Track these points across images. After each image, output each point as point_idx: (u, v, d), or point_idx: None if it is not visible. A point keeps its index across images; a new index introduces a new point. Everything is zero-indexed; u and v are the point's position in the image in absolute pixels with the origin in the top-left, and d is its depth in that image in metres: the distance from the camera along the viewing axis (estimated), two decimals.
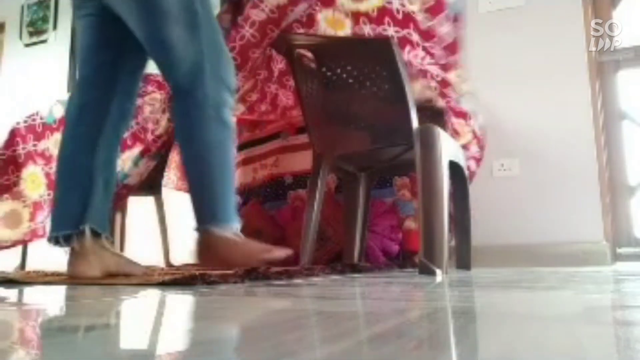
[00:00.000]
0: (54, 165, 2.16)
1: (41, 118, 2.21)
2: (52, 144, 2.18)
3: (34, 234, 2.18)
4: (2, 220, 2.17)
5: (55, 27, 3.89)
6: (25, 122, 2.25)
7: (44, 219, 2.15)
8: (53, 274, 1.44)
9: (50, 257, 2.54)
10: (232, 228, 1.30)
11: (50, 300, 0.87)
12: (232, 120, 1.35)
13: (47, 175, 2.18)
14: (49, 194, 2.16)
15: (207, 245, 1.28)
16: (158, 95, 2.03)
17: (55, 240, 1.30)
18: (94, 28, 1.37)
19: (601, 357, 0.38)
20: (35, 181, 2.18)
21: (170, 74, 1.33)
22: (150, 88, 2.15)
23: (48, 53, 3.82)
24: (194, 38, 1.29)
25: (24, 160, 2.20)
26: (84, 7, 1.38)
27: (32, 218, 2.19)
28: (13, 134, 2.24)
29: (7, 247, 2.21)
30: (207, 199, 1.29)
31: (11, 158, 2.20)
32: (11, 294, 0.98)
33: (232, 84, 1.36)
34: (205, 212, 1.29)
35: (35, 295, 0.97)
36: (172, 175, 2.46)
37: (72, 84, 3.65)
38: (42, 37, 3.92)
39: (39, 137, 2.21)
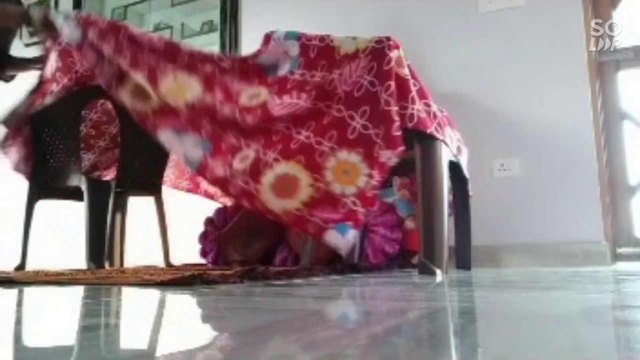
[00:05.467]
0: None
1: None
2: None
3: None
4: None
5: None
6: None
7: None
8: (53, 274, 1.44)
9: (50, 257, 2.54)
10: None
11: (48, 301, 0.87)
12: None
13: None
14: None
15: None
16: None
17: None
18: None
19: (601, 357, 0.38)
20: None
21: None
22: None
23: None
24: None
25: None
26: None
27: None
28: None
29: None
30: None
31: None
32: (11, 294, 0.98)
33: None
34: None
35: (34, 296, 0.97)
36: (169, 174, 2.44)
37: None
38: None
39: None
